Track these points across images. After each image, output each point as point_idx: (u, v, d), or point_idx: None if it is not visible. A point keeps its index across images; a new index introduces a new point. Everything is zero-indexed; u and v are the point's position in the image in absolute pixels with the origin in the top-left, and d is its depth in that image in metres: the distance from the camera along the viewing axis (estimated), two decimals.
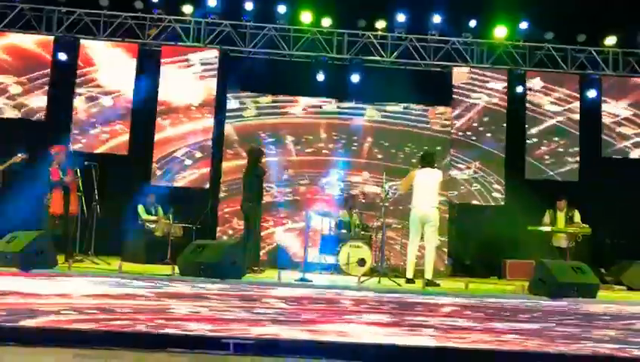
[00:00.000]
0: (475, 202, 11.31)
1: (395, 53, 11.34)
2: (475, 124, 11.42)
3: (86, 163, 8.11)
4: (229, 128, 11.52)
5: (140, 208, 9.86)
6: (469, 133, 11.40)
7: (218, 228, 11.25)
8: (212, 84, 11.21)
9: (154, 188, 10.59)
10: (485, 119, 11.44)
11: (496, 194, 11.35)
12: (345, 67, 11.43)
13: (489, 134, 11.41)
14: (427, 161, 7.70)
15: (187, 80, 11.19)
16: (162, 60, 11.15)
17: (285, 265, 9.59)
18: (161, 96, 11.12)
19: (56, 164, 7.90)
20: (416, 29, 11.30)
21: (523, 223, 9.28)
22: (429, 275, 7.29)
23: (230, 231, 11.29)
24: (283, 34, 11.27)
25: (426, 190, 7.41)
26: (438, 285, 7.22)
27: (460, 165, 11.38)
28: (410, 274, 7.45)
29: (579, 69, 11.42)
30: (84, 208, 7.91)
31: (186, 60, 11.22)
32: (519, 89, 11.53)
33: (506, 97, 11.46)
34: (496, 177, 11.37)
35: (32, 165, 7.83)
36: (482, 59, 11.48)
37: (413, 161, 7.97)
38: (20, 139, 9.62)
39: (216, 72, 11.21)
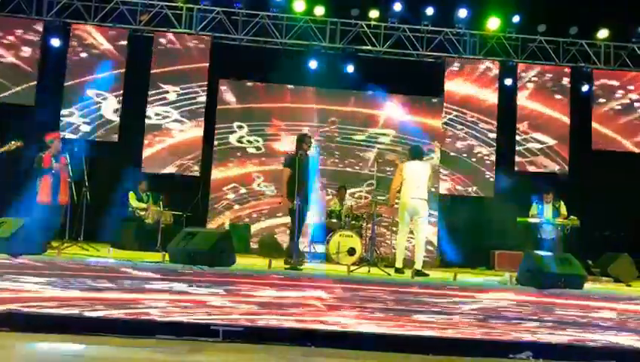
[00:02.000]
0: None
1: (387, 43, 11.33)
2: (466, 116, 11.47)
3: (76, 149, 8.05)
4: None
5: (131, 195, 9.82)
6: (459, 125, 11.45)
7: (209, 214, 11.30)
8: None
9: (145, 175, 10.56)
10: (476, 111, 11.48)
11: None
12: (337, 56, 11.42)
13: (480, 125, 11.45)
14: (416, 154, 7.74)
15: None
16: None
17: (275, 253, 9.60)
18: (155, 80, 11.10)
19: (49, 152, 7.82)
20: (410, 19, 11.29)
21: (512, 215, 9.34)
22: (418, 266, 7.34)
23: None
24: (275, 22, 11.21)
25: (416, 182, 7.44)
26: (427, 275, 7.27)
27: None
28: (399, 264, 7.51)
29: (570, 61, 11.46)
30: (74, 195, 7.87)
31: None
32: (509, 81, 11.56)
33: (497, 89, 11.50)
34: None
35: (21, 151, 7.73)
36: (475, 51, 11.49)
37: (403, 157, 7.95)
38: (8, 125, 9.55)
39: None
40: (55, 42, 10.92)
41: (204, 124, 11.16)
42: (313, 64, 11.34)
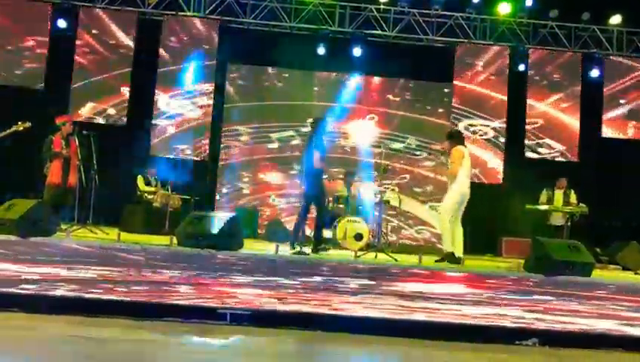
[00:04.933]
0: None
1: (397, 28, 11.24)
2: (475, 101, 11.41)
3: (85, 132, 8.06)
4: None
5: (139, 179, 9.85)
6: (468, 111, 11.39)
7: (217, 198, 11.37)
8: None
9: (153, 159, 10.60)
10: (485, 97, 11.41)
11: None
12: (346, 41, 11.34)
13: (489, 112, 11.39)
14: (462, 138, 7.27)
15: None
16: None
17: (282, 238, 9.62)
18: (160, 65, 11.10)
19: (59, 134, 7.84)
20: (419, 4, 11.18)
21: (521, 201, 9.30)
22: (462, 253, 7.08)
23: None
24: (284, 5, 11.14)
25: (471, 170, 7.06)
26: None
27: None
28: (460, 252, 6.98)
29: (582, 47, 11.33)
30: (83, 178, 7.90)
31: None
32: (521, 67, 11.46)
33: (508, 75, 11.42)
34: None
35: (30, 134, 7.75)
36: (485, 36, 11.38)
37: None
38: (18, 108, 9.58)
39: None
40: (63, 24, 10.91)
41: (213, 107, 11.19)
42: (322, 49, 11.26)
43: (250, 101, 11.63)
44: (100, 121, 10.77)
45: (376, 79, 11.77)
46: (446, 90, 11.66)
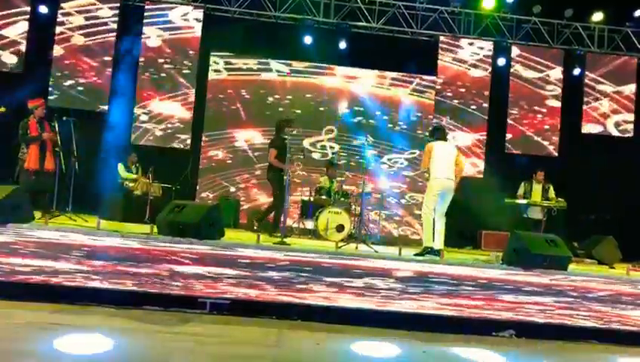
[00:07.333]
0: None
1: (382, 20, 11.24)
2: (458, 96, 11.47)
3: (64, 118, 7.94)
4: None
5: (120, 166, 9.77)
6: (452, 104, 11.46)
7: (198, 187, 11.31)
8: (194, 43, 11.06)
9: (134, 146, 10.50)
10: (468, 92, 11.48)
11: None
12: (331, 32, 11.31)
13: (472, 107, 11.46)
14: (442, 133, 7.58)
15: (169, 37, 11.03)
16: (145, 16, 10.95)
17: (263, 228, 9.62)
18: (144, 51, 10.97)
19: (34, 118, 7.70)
20: None
21: (500, 195, 9.39)
22: (441, 246, 7.24)
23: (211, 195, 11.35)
24: None
25: (446, 162, 7.23)
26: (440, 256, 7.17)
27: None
28: (431, 243, 7.15)
29: (564, 44, 11.45)
30: (63, 164, 7.78)
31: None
32: (503, 61, 11.54)
33: (491, 70, 11.50)
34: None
35: (6, 118, 7.62)
36: (469, 30, 11.43)
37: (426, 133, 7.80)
38: None
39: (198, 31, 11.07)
40: (44, 9, 10.72)
41: (195, 96, 11.10)
42: (307, 39, 11.22)
43: (232, 91, 11.55)
44: (80, 107, 10.60)
45: (360, 70, 11.75)
46: (428, 84, 11.70)
